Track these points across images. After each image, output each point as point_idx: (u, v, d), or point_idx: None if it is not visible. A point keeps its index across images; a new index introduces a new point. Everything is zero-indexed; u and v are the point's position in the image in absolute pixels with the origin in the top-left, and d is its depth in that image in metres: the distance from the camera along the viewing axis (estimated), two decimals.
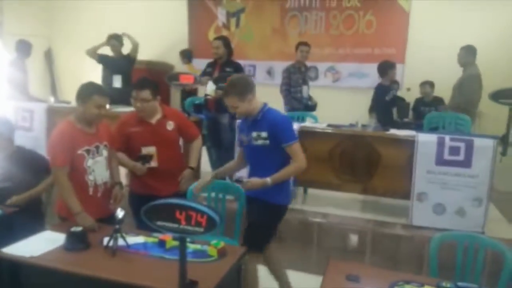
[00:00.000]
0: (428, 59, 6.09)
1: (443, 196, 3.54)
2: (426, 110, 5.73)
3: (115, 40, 5.43)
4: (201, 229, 1.80)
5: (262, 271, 2.93)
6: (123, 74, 5.40)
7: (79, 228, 2.34)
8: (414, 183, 3.58)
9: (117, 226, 2.29)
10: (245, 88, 2.68)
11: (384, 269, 2.32)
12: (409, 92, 6.36)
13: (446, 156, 3.48)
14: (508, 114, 3.98)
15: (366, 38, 6.71)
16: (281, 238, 3.69)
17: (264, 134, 2.69)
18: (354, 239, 3.60)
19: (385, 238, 3.53)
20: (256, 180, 2.66)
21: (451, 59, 5.00)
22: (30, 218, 3.00)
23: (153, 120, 3.05)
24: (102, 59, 5.49)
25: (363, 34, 6.73)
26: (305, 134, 3.87)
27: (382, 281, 2.07)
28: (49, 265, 2.16)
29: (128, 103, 4.24)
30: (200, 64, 5.82)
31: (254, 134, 2.72)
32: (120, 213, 2.31)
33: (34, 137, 4.77)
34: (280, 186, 2.75)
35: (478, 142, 3.44)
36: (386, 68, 5.10)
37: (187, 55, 6.68)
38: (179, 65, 6.90)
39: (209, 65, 4.63)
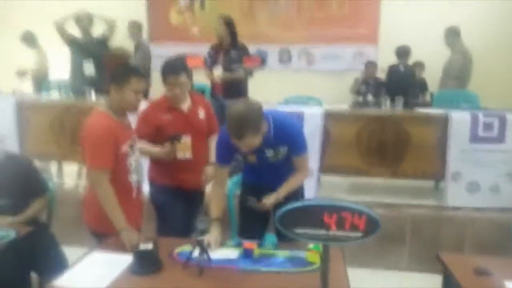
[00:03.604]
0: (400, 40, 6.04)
1: (477, 174, 3.47)
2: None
3: (84, 18, 4.70)
4: (359, 234, 1.46)
5: None
6: (95, 59, 4.68)
7: (149, 246, 1.86)
8: (448, 163, 3.48)
9: (200, 238, 1.86)
10: (259, 117, 2.05)
11: (500, 257, 2.12)
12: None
13: (481, 132, 3.41)
14: None
15: (338, 19, 6.51)
16: None
17: (283, 149, 2.26)
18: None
19: (424, 222, 3.38)
20: (273, 197, 2.25)
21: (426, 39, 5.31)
22: (41, 239, 2.47)
23: (185, 108, 2.64)
24: (71, 41, 4.68)
25: (335, 15, 6.52)
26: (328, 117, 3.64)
27: None
28: None
29: (101, 92, 3.88)
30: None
31: (270, 152, 2.26)
32: (201, 223, 1.88)
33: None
34: None
35: (510, 117, 3.41)
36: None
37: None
38: None
39: (213, 47, 4.21)
